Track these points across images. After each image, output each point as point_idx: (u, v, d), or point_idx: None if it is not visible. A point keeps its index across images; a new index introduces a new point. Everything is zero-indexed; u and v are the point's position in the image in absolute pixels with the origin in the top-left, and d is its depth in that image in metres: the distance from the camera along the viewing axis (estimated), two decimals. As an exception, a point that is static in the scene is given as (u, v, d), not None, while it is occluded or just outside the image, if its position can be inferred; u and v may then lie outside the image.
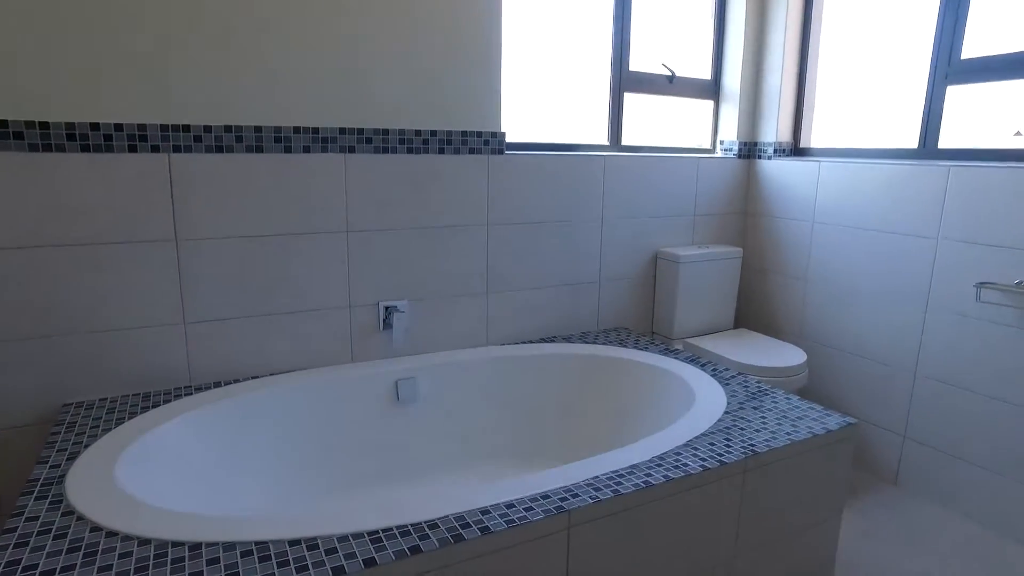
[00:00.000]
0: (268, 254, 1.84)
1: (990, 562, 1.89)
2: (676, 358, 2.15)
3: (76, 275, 1.62)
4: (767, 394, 1.86)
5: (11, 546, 1.09)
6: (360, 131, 1.91)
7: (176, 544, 1.10)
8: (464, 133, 2.07)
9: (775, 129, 2.68)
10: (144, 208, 1.66)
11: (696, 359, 2.15)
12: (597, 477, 1.36)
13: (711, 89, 2.79)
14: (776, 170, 2.67)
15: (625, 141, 2.59)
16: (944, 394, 2.14)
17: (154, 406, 1.66)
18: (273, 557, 1.07)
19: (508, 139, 2.27)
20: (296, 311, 1.91)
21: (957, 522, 2.09)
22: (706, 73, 2.78)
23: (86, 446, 1.44)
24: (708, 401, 1.79)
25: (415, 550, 1.10)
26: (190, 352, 1.79)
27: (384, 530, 1.15)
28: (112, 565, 1.04)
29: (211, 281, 1.78)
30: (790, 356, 2.35)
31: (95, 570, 1.03)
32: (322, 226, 1.90)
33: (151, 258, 1.69)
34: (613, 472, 1.38)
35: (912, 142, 2.29)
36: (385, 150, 1.95)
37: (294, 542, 1.11)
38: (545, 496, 1.28)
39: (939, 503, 2.19)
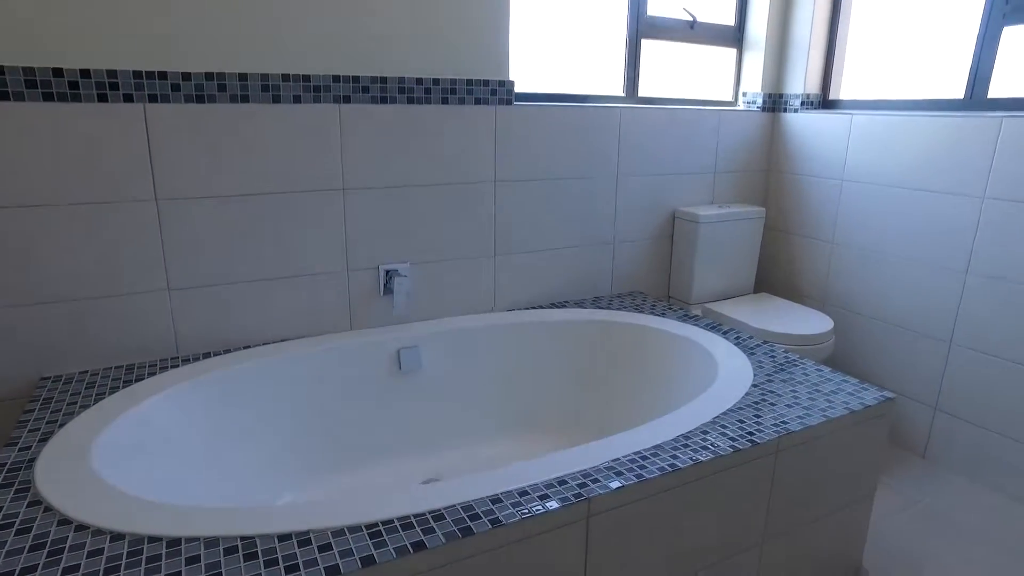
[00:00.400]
0: (257, 215, 1.69)
1: (1022, 537, 1.79)
2: (696, 325, 2.01)
3: (48, 238, 1.48)
4: (796, 365, 1.73)
5: (-31, 542, 0.98)
6: (356, 79, 1.74)
7: (153, 540, 0.99)
8: (469, 82, 1.90)
9: (803, 80, 2.49)
10: (119, 165, 1.51)
11: (717, 326, 2.01)
12: (618, 459, 1.24)
13: (734, 36, 2.58)
14: (803, 124, 2.48)
15: (642, 92, 2.40)
16: (981, 364, 2.01)
17: (138, 379, 1.54)
18: (260, 555, 0.95)
19: (517, 89, 2.10)
20: (289, 276, 1.77)
21: (988, 496, 1.98)
22: (729, 18, 2.57)
23: (61, 425, 1.32)
24: (733, 373, 1.67)
25: (419, 546, 0.98)
26: (176, 321, 1.66)
27: (384, 523, 1.04)
28: (79, 565, 0.93)
29: (196, 244, 1.64)
30: (816, 323, 2.21)
31: (59, 572, 0.92)
32: (315, 183, 1.74)
33: (129, 220, 1.55)
34: (635, 454, 1.26)
35: (957, 92, 2.11)
36: (383, 100, 1.78)
37: (284, 537, 0.99)
38: (562, 482, 1.16)
39: (969, 476, 2.08)
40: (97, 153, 1.49)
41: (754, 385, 1.60)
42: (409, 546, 0.98)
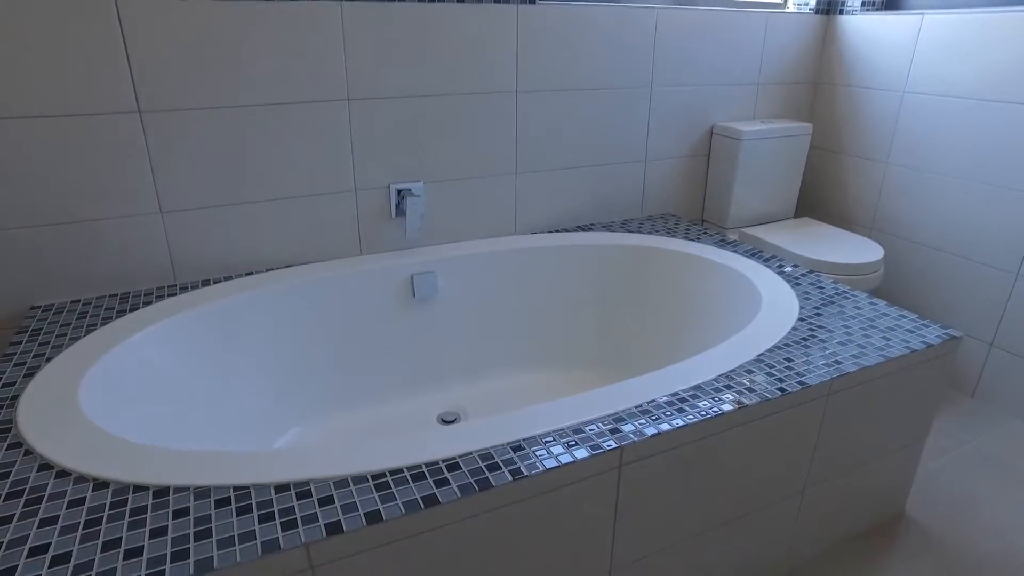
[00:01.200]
0: (253, 128, 1.53)
1: (1086, 486, 1.67)
2: (735, 251, 1.85)
3: (21, 156, 1.34)
4: (847, 298, 1.57)
5: (-58, 488, 0.90)
6: (358, -29, 1.53)
7: (139, 488, 0.89)
8: (488, -25, 1.67)
9: (865, -26, 2.20)
10: (93, 69, 1.35)
11: (757, 252, 1.85)
12: (653, 401, 1.12)
13: (789, -77, 2.28)
14: (862, 28, 2.21)
15: (682, -10, 2.14)
16: (1049, 296, 1.83)
17: (132, 309, 1.43)
18: (255, 508, 0.86)
19: (541, -15, 1.86)
20: (292, 197, 1.63)
21: (1044, 438, 1.85)
22: (784, -99, 2.26)
23: (48, 359, 1.22)
24: (777, 305, 1.52)
25: (430, 500, 0.88)
26: (171, 246, 1.54)
27: (392, 472, 0.93)
28: (58, 517, 0.85)
29: (187, 162, 1.49)
30: (864, 251, 2.03)
31: (36, 522, 0.84)
32: (317, 93, 1.57)
33: (113, 135, 1.40)
34: (672, 396, 1.14)
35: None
36: (390, -4, 1.58)
37: (281, 488, 0.90)
38: (590, 427, 1.05)
39: (1021, 418, 1.94)
40: (63, 55, 1.32)
41: (801, 320, 1.45)
42: (420, 500, 0.88)
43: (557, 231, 2.01)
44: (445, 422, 1.71)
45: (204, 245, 1.57)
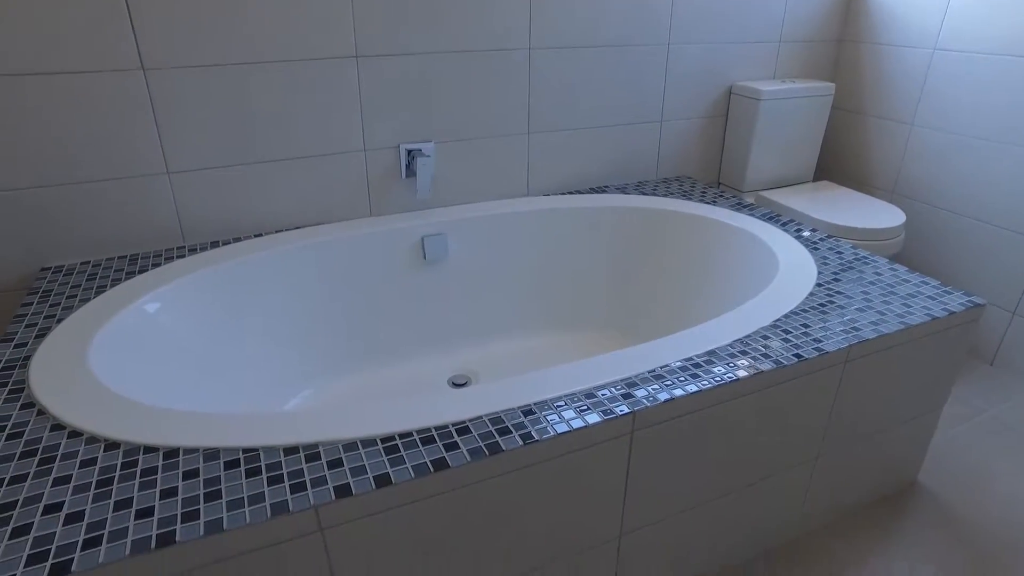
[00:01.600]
0: (260, 86, 1.49)
1: (1105, 455, 1.65)
2: (751, 215, 1.81)
3: (34, 113, 1.32)
4: (867, 263, 1.53)
5: (-44, 447, 0.90)
6: (365, -80, 1.47)
7: (149, 449, 0.89)
8: (500, -76, 1.60)
9: (896, -77, 2.09)
10: (96, 25, 1.31)
11: (775, 216, 1.81)
12: (667, 367, 1.10)
13: None
14: (892, -21, 2.11)
15: (703, -59, 2.05)
16: (1076, 263, 1.78)
17: (141, 270, 1.43)
18: (264, 470, 0.86)
19: (556, -64, 1.78)
20: (301, 157, 1.60)
21: (1064, 407, 1.82)
22: None
23: (59, 320, 1.22)
24: (795, 270, 1.48)
25: (440, 464, 0.87)
26: (179, 207, 1.52)
27: (402, 435, 0.93)
28: (71, 476, 0.85)
29: (193, 122, 1.46)
30: (886, 215, 1.98)
31: (49, 481, 0.84)
32: (324, 50, 1.53)
33: (118, 93, 1.37)
34: (686, 361, 1.12)
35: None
36: (399, -53, 1.52)
37: (290, 450, 0.89)
38: (603, 391, 1.03)
39: (1042, 384, 1.91)
40: (64, 12, 1.28)
41: (818, 285, 1.42)
42: (429, 463, 0.87)
43: (570, 193, 1.97)
44: (455, 385, 1.70)
45: (212, 206, 1.55)
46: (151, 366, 1.22)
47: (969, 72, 1.94)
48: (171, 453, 0.89)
